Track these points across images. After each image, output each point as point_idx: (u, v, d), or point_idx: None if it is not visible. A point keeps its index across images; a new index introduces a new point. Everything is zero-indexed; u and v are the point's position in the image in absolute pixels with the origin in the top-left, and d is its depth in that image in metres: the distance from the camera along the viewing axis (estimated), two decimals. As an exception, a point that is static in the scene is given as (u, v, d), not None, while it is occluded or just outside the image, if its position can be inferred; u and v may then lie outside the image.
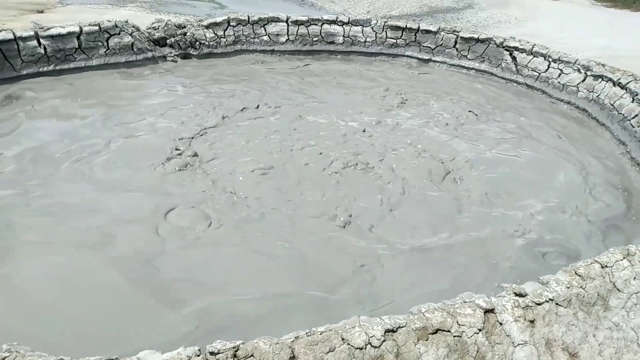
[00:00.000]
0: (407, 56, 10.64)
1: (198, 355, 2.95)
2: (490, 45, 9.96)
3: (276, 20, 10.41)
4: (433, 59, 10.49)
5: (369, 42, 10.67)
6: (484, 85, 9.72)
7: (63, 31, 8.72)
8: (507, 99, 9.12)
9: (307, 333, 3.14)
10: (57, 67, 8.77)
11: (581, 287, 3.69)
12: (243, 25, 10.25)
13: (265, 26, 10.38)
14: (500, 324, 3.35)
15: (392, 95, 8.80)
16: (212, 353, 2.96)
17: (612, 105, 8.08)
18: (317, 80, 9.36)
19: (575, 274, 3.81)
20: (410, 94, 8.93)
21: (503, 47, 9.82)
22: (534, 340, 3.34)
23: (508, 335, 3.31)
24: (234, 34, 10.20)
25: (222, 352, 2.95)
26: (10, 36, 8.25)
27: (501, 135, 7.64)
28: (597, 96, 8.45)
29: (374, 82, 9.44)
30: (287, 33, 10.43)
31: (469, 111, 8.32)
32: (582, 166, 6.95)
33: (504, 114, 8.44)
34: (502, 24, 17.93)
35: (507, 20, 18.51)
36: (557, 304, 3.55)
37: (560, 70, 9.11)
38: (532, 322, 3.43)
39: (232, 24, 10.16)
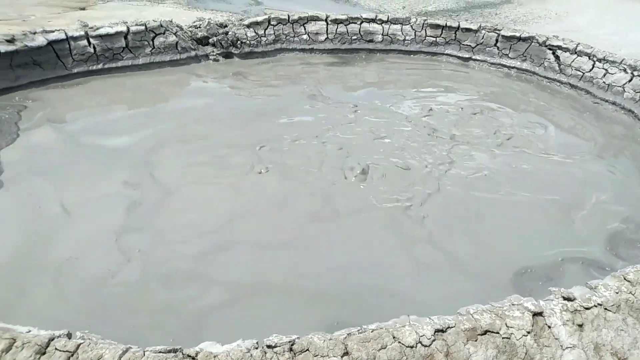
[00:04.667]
0: (447, 54, 10.60)
1: (256, 348, 3.10)
2: (533, 43, 9.82)
3: (316, 19, 10.52)
4: (473, 57, 10.42)
5: (408, 40, 10.67)
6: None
7: (111, 31, 9.03)
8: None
9: (358, 330, 3.26)
10: (106, 66, 9.11)
11: (630, 292, 3.69)
12: (283, 25, 10.40)
13: (305, 25, 10.50)
14: (549, 327, 3.39)
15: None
16: (269, 346, 3.11)
17: (660, 106, 7.91)
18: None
19: (625, 279, 3.81)
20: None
21: (546, 46, 9.67)
22: (582, 344, 3.37)
23: (557, 339, 3.35)
24: (274, 33, 10.37)
25: (279, 346, 3.09)
26: (63, 36, 8.60)
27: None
28: (645, 97, 8.28)
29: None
30: (327, 32, 10.53)
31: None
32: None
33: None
34: (541, 20, 17.59)
35: (547, 16, 18.14)
36: (605, 308, 3.57)
37: (606, 70, 8.93)
38: (580, 326, 3.45)
39: (272, 23, 10.32)
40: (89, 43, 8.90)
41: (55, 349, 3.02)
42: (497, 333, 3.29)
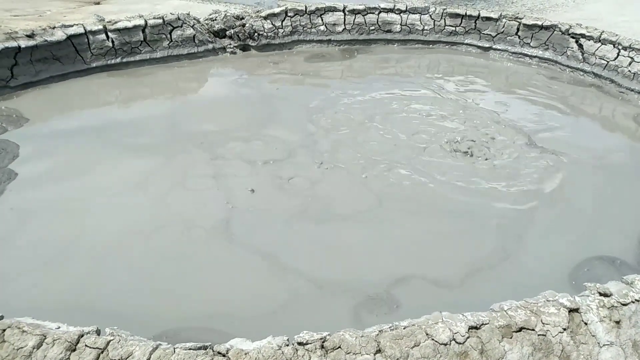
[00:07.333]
0: (467, 44, 10.42)
1: (287, 345, 3.06)
2: (555, 32, 9.60)
3: (333, 9, 10.39)
4: (494, 47, 10.23)
5: (427, 30, 10.51)
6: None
7: (129, 24, 9.02)
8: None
9: (390, 327, 3.20)
10: (124, 60, 9.10)
11: (668, 288, 3.59)
12: (300, 16, 10.29)
13: (322, 16, 10.39)
14: (586, 323, 3.30)
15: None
16: (300, 343, 3.07)
17: (689, 95, 7.69)
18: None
19: (662, 274, 3.70)
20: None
21: (569, 35, 9.45)
22: (620, 342, 3.28)
23: (593, 336, 3.27)
24: (291, 25, 10.26)
25: (310, 343, 3.05)
26: (81, 30, 8.61)
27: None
28: (672, 86, 8.06)
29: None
30: (344, 22, 10.41)
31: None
32: None
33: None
34: (558, 7, 17.20)
35: (565, 3, 17.73)
36: (643, 305, 3.47)
37: (631, 58, 8.69)
38: (617, 322, 3.36)
39: (289, 14, 10.22)
40: (108, 37, 8.89)
41: (86, 345, 3.01)
42: (533, 330, 3.21)
